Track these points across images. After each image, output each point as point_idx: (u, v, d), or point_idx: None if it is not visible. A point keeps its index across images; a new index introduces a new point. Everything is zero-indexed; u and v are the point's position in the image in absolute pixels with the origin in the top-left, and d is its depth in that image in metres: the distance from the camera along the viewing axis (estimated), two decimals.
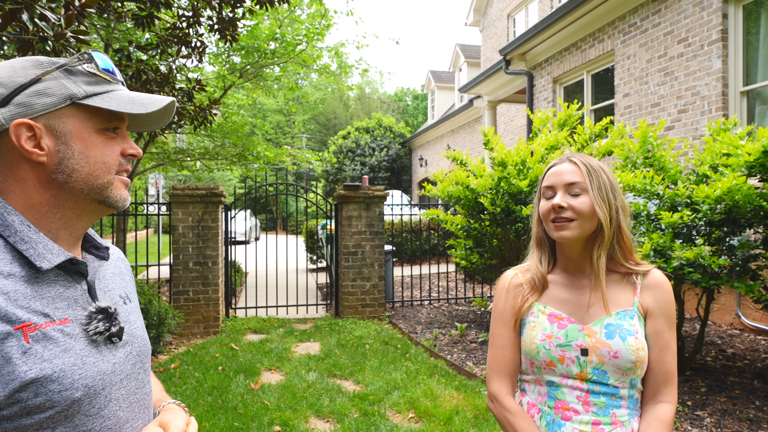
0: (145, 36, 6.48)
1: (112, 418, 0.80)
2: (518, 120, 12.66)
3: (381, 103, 40.31)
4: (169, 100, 0.88)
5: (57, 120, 0.79)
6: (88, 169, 0.81)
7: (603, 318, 1.20)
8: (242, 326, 6.14)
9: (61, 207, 0.81)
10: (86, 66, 0.82)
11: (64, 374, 0.73)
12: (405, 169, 22.52)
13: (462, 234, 5.82)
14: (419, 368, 4.56)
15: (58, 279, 0.79)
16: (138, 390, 0.88)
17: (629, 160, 4.19)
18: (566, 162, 1.24)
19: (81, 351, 0.76)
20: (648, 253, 3.45)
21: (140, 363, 0.90)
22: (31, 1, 2.36)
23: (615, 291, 1.23)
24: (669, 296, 1.22)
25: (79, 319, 0.79)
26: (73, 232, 0.84)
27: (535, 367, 1.23)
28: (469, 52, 17.75)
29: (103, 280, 0.90)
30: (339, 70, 9.61)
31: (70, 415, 0.74)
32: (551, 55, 8.69)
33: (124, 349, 0.86)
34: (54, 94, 0.78)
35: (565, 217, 1.19)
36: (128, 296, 0.96)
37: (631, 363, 1.15)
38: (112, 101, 0.82)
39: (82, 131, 0.81)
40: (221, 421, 3.49)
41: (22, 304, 0.72)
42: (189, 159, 9.35)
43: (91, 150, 0.81)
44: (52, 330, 0.74)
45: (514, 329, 1.29)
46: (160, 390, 1.05)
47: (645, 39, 6.56)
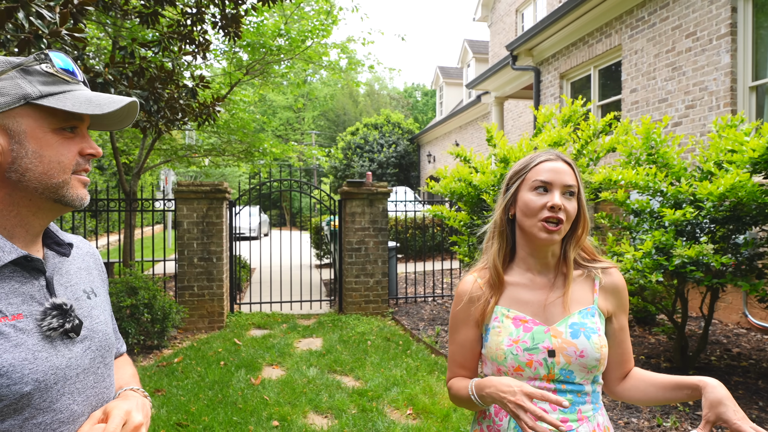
0: (149, 33, 6.51)
1: (64, 412, 0.81)
2: (526, 116, 12.57)
3: (390, 100, 40.23)
4: (129, 101, 0.87)
5: (11, 119, 0.79)
6: (42, 168, 0.81)
7: (567, 317, 1.19)
8: (246, 321, 6.19)
9: (16, 205, 0.82)
10: (43, 66, 0.82)
11: (13, 369, 0.74)
12: (413, 165, 22.48)
13: (465, 231, 5.80)
14: (419, 365, 4.56)
15: (14, 275, 0.80)
16: (96, 384, 0.89)
17: (632, 156, 4.14)
18: (560, 161, 1.21)
19: (33, 346, 0.77)
20: (649, 251, 3.41)
21: (100, 357, 0.91)
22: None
23: (575, 290, 1.23)
24: (626, 294, 1.28)
25: (33, 314, 0.80)
26: (30, 230, 0.85)
27: (502, 373, 1.20)
28: (478, 48, 17.64)
29: (65, 275, 0.91)
30: (347, 66, 9.60)
31: (20, 409, 0.75)
32: (558, 51, 8.61)
33: (83, 344, 0.86)
34: (8, 94, 0.79)
35: (560, 219, 1.17)
36: (93, 291, 0.97)
37: (596, 361, 1.16)
38: (67, 101, 0.82)
39: (37, 131, 0.81)
40: (220, 415, 3.52)
41: None
42: (196, 155, 9.41)
43: (46, 149, 0.81)
44: (4, 325, 0.75)
45: (475, 331, 1.27)
46: (131, 377, 1.06)
47: (653, 33, 6.47)
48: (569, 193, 1.19)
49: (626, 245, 3.57)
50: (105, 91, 3.95)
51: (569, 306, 1.20)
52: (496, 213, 1.28)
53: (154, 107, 4.36)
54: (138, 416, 0.86)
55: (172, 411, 3.59)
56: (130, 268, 6.00)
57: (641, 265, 3.40)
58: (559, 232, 1.17)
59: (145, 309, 4.88)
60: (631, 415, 3.32)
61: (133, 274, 5.13)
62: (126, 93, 3.90)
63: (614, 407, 3.44)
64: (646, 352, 4.47)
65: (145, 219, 16.20)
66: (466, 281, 1.30)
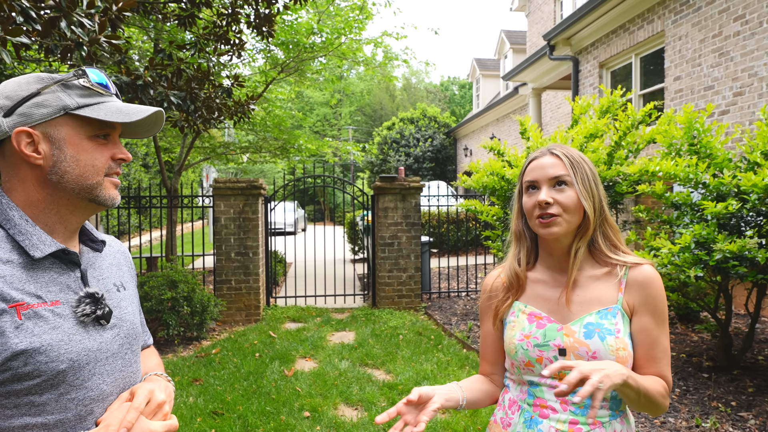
0: (186, 35, 6.72)
1: (95, 390, 0.90)
2: (564, 107, 12.25)
3: (427, 93, 40.00)
4: (154, 110, 0.97)
5: (52, 128, 0.90)
6: (78, 171, 0.91)
7: (583, 317, 1.15)
8: (282, 315, 6.33)
9: (56, 204, 0.92)
10: (81, 80, 0.92)
11: (51, 348, 0.83)
12: (450, 159, 22.30)
13: (499, 225, 5.73)
14: (450, 360, 4.55)
15: (53, 266, 0.90)
16: (124, 368, 0.98)
17: (673, 147, 3.98)
18: (547, 155, 1.19)
19: (69, 329, 0.87)
20: (688, 245, 3.28)
21: (128, 344, 1.00)
22: (69, 9, 2.51)
23: (597, 287, 1.17)
24: (657, 292, 1.15)
25: (69, 302, 0.89)
26: (68, 226, 0.94)
27: (515, 368, 1.22)
28: (515, 38, 17.28)
29: (98, 269, 1.00)
30: (382, 61, 9.61)
31: (56, 384, 0.84)
32: (597, 39, 8.34)
33: (112, 331, 0.96)
34: (50, 106, 0.89)
35: (551, 213, 1.15)
36: (123, 285, 1.06)
37: None
38: (101, 111, 0.92)
39: (74, 138, 0.91)
40: (254, 405, 3.63)
41: (17, 286, 0.83)
42: (234, 152, 9.66)
43: (82, 154, 0.91)
44: (43, 310, 0.85)
45: (494, 326, 1.29)
46: (156, 365, 1.15)
47: (698, 18, 6.17)
48: (560, 184, 1.16)
49: (663, 239, 3.44)
50: (145, 92, 4.11)
51: (587, 305, 1.16)
52: (512, 219, 1.29)
53: (192, 107, 4.50)
54: (161, 395, 0.95)
55: (208, 400, 3.72)
56: (172, 262, 6.24)
57: (679, 260, 3.27)
58: (555, 224, 1.15)
59: (185, 302, 5.07)
60: (668, 414, 3.22)
61: (173, 268, 5.34)
62: (164, 94, 4.05)
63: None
64: (688, 350, 4.31)
65: (186, 215, 16.76)
66: (490, 276, 1.34)
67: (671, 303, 4.48)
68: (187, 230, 18.81)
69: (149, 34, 7.76)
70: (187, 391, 3.89)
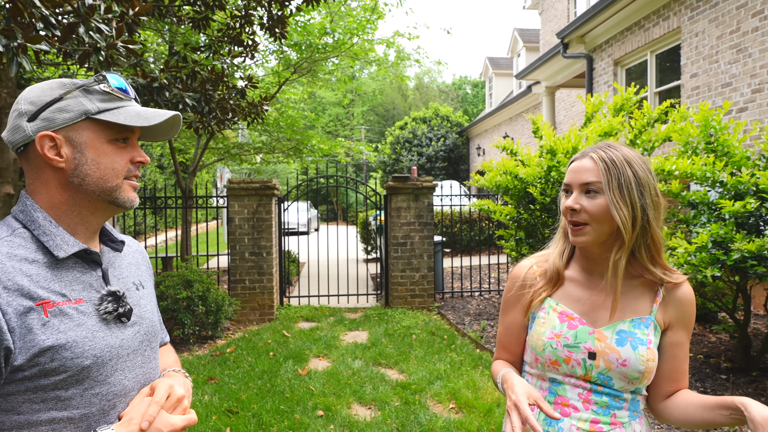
0: (201, 38, 6.79)
1: (117, 386, 0.93)
2: (579, 106, 12.14)
3: (440, 93, 39.87)
4: (171, 114, 1.00)
5: (74, 132, 0.92)
6: (99, 173, 0.94)
7: (616, 323, 1.15)
8: (295, 314, 6.37)
9: (78, 206, 0.95)
10: (101, 86, 0.95)
11: (75, 344, 0.86)
12: (462, 158, 22.22)
13: (512, 225, 5.70)
14: (464, 359, 4.55)
15: (76, 266, 0.93)
16: (144, 365, 1.01)
17: (689, 145, 3.93)
18: (586, 158, 1.15)
19: (92, 327, 0.90)
20: (705, 244, 3.24)
21: (147, 341, 1.03)
22: (87, 15, 2.55)
23: (633, 297, 1.16)
24: (692, 309, 1.17)
25: (92, 300, 0.93)
26: (89, 227, 0.97)
27: (539, 364, 1.21)
28: (528, 37, 17.17)
29: (118, 269, 1.03)
30: (395, 60, 9.62)
31: (81, 380, 0.87)
32: (612, 36, 8.25)
33: (133, 329, 0.99)
34: (72, 110, 0.92)
35: (578, 221, 1.13)
36: (141, 284, 1.09)
37: (638, 373, 1.11)
38: (120, 116, 0.94)
39: (95, 141, 0.94)
40: (268, 403, 3.67)
41: (43, 285, 0.86)
42: (248, 153, 9.73)
43: (102, 157, 0.94)
44: (68, 308, 0.88)
45: (524, 318, 1.27)
46: (174, 362, 1.19)
47: (715, 14, 6.08)
48: (590, 191, 1.12)
49: (679, 239, 3.40)
50: (160, 94, 4.17)
51: (621, 313, 1.16)
52: (561, 216, 1.28)
53: (206, 108, 4.55)
54: (180, 390, 0.98)
55: (223, 398, 3.77)
56: (187, 262, 6.32)
57: (696, 260, 3.24)
58: (583, 233, 1.13)
59: (200, 301, 5.13)
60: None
61: (188, 268, 5.40)
62: (180, 96, 4.10)
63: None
64: (706, 351, 4.25)
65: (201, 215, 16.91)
66: (522, 266, 1.31)
67: None
68: (201, 230, 19.00)
69: (164, 36, 7.85)
70: (202, 390, 3.94)
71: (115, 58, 2.79)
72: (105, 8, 2.71)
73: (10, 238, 0.88)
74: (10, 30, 2.09)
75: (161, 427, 0.90)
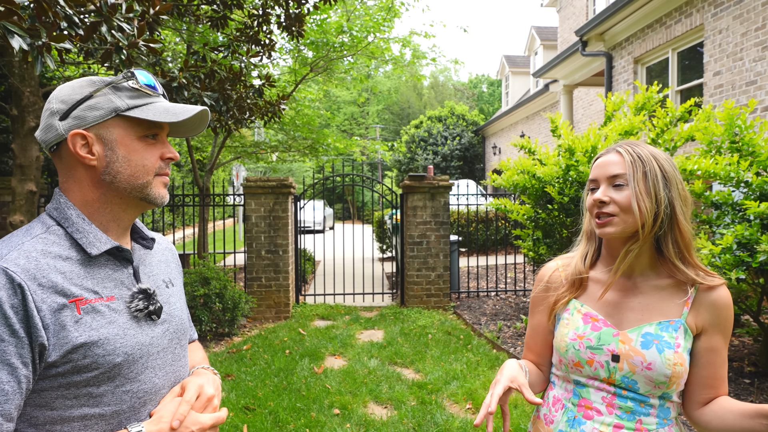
0: (219, 37, 6.84)
1: (148, 383, 0.94)
2: (597, 104, 11.98)
3: (455, 91, 39.71)
4: (200, 109, 0.99)
5: (105, 129, 0.93)
6: (130, 171, 0.94)
7: (642, 326, 1.12)
8: (311, 312, 6.39)
9: (110, 203, 0.95)
10: (130, 83, 0.95)
11: (107, 341, 0.87)
12: (478, 157, 22.10)
13: (529, 224, 5.65)
14: (480, 360, 4.52)
15: (108, 263, 0.94)
16: (174, 362, 1.01)
17: (713, 145, 3.85)
18: (612, 152, 1.15)
19: (123, 324, 0.91)
20: (729, 246, 3.17)
21: (176, 339, 1.03)
22: (109, 14, 2.58)
23: (661, 298, 1.14)
24: (729, 313, 1.12)
25: (123, 297, 0.93)
26: (120, 224, 0.98)
27: (563, 365, 1.20)
28: (546, 35, 16.99)
29: (149, 266, 1.04)
30: (410, 59, 9.59)
31: (112, 377, 0.88)
32: (632, 34, 8.12)
33: (162, 326, 0.99)
34: (102, 108, 0.92)
35: (607, 213, 1.12)
36: (171, 281, 1.09)
37: (665, 377, 1.08)
38: (149, 112, 0.94)
39: (125, 138, 0.94)
40: (285, 401, 3.68)
41: (76, 282, 0.87)
42: (264, 152, 9.79)
43: (133, 154, 0.94)
44: (100, 305, 0.89)
45: (548, 320, 1.27)
46: (202, 359, 1.19)
47: (739, 10, 5.94)
48: (618, 184, 1.12)
49: (703, 240, 3.33)
50: (179, 93, 4.21)
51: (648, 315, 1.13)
52: (584, 217, 1.26)
53: (224, 107, 4.58)
54: (210, 389, 0.99)
55: (240, 395, 3.79)
56: (204, 259, 6.38)
57: (720, 262, 3.17)
58: (611, 224, 1.12)
59: (217, 298, 5.17)
60: None
61: (205, 266, 5.45)
62: (198, 95, 4.13)
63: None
64: (729, 355, 4.14)
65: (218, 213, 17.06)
66: (548, 267, 1.32)
67: None
68: (218, 228, 19.18)
69: (182, 36, 7.93)
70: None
71: (135, 57, 2.82)
72: (126, 7, 2.73)
73: (45, 236, 0.89)
74: (35, 29, 2.12)
75: (191, 426, 0.91)
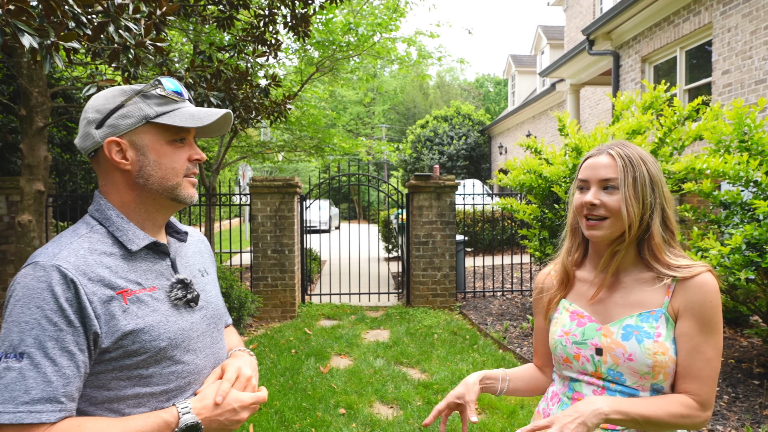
0: (225, 37, 6.85)
1: (191, 365, 1.03)
2: (604, 103, 11.92)
3: (461, 91, 39.62)
4: (223, 113, 1.07)
5: (137, 136, 1.01)
6: (160, 173, 1.02)
7: (623, 318, 1.15)
8: (317, 312, 6.40)
9: (144, 203, 1.04)
10: (157, 90, 1.02)
11: (152, 328, 0.96)
12: (484, 157, 22.04)
13: (536, 224, 5.63)
14: (486, 360, 4.50)
15: (148, 257, 1.03)
16: (212, 345, 1.11)
17: (721, 144, 3.81)
18: (603, 154, 1.17)
19: (165, 312, 1.00)
20: (739, 246, 3.14)
21: (214, 324, 1.12)
22: (116, 14, 2.59)
23: (643, 291, 1.15)
24: (705, 297, 1.09)
25: (164, 287, 1.02)
26: (155, 222, 1.07)
27: (556, 362, 1.26)
28: (552, 34, 16.93)
29: (184, 258, 1.12)
30: (416, 59, 9.58)
31: (159, 360, 0.98)
32: (640, 32, 8.07)
33: (200, 312, 1.08)
34: (133, 116, 1.00)
35: (597, 215, 1.15)
36: (206, 270, 1.18)
37: (647, 367, 1.09)
38: (176, 118, 1.02)
39: (156, 143, 1.02)
40: (291, 400, 3.69)
41: (121, 275, 0.97)
42: (270, 151, 9.81)
43: (163, 158, 1.02)
44: (144, 295, 0.98)
45: (545, 322, 1.33)
46: (238, 342, 1.29)
47: (749, 8, 5.89)
48: (609, 188, 1.14)
49: (712, 240, 3.30)
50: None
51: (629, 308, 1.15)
52: (569, 212, 1.29)
53: (230, 107, 4.59)
54: (247, 370, 1.09)
55: None
56: None
57: (729, 262, 3.14)
58: (600, 227, 1.15)
59: (223, 297, 5.18)
60: (716, 421, 3.09)
61: None
62: (204, 95, 4.15)
63: None
64: (737, 356, 4.13)
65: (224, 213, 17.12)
66: (542, 273, 1.38)
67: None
68: (224, 227, 19.25)
69: (189, 36, 7.95)
70: None
71: (142, 56, 2.83)
72: (133, 8, 2.74)
73: (90, 235, 0.99)
74: (44, 29, 2.13)
75: (233, 402, 1.00)
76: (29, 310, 0.87)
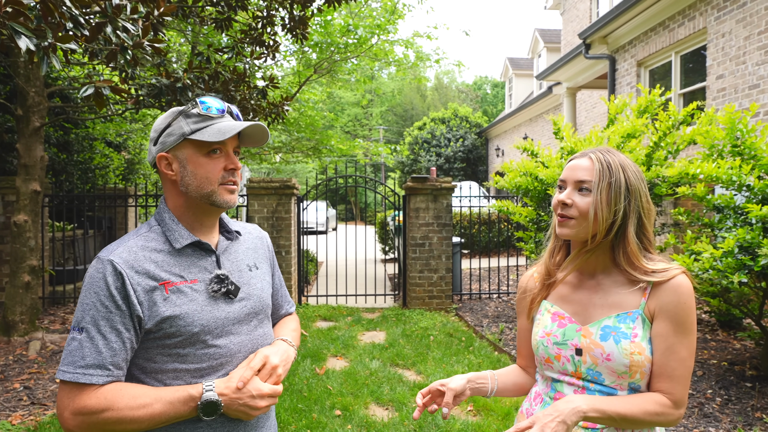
0: (223, 38, 6.86)
1: (224, 348, 1.15)
2: (600, 107, 11.98)
3: (459, 93, 39.69)
4: (247, 125, 1.18)
5: (179, 151, 1.16)
6: (197, 183, 1.15)
7: (602, 319, 1.18)
8: (313, 313, 6.40)
9: (190, 208, 1.18)
10: (195, 110, 1.16)
11: (187, 315, 1.10)
12: (481, 159, 22.09)
13: (532, 226, 5.65)
14: (482, 362, 4.52)
15: (194, 253, 1.17)
16: (250, 332, 1.21)
17: (715, 149, 3.85)
18: (585, 158, 1.20)
19: (202, 302, 1.13)
20: (731, 249, 3.17)
21: (254, 314, 1.23)
22: (114, 14, 2.61)
23: (620, 292, 1.18)
24: (679, 299, 1.12)
25: (204, 280, 1.16)
26: (204, 223, 1.20)
27: (538, 363, 1.28)
28: (549, 37, 17.00)
29: (233, 254, 1.24)
30: (414, 61, 9.62)
31: (193, 342, 1.11)
32: (635, 37, 8.12)
33: (240, 303, 1.20)
34: (175, 134, 1.15)
35: (567, 215, 1.18)
36: (256, 265, 1.30)
37: (624, 366, 1.12)
38: (205, 134, 1.14)
39: (193, 156, 1.15)
40: (287, 402, 3.69)
41: (166, 269, 1.12)
42: (267, 152, 9.82)
43: (199, 169, 1.15)
44: (184, 286, 1.12)
45: (528, 322, 1.36)
46: (291, 331, 1.39)
47: (743, 14, 5.94)
48: (583, 189, 1.16)
49: (705, 243, 3.33)
50: (183, 94, 4.23)
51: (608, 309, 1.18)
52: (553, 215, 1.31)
53: None
54: (275, 359, 1.18)
55: None
56: None
57: (722, 265, 3.16)
58: (567, 226, 1.17)
59: None
60: (709, 423, 3.12)
61: None
62: (202, 95, 4.15)
63: (690, 415, 3.24)
64: (730, 358, 4.16)
65: None
66: (525, 275, 1.41)
67: (712, 309, 4.33)
68: None
69: (187, 37, 7.96)
70: None
71: (139, 57, 2.84)
72: (131, 9, 2.75)
73: (147, 233, 1.16)
74: (41, 30, 2.14)
75: (252, 390, 1.10)
76: (89, 294, 1.06)
